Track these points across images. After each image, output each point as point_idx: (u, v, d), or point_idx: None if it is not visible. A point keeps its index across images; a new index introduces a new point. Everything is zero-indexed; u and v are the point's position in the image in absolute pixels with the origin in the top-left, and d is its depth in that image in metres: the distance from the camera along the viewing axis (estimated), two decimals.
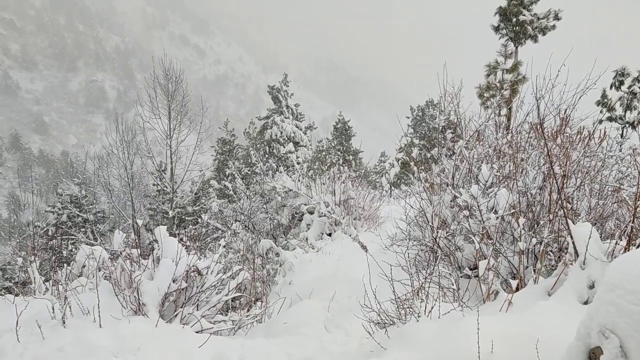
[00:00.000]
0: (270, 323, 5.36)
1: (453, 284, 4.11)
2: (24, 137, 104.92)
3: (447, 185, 6.13)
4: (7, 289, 11.88)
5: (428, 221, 6.05)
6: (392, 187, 22.01)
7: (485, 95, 14.74)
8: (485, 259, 4.21)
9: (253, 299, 6.58)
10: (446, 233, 5.67)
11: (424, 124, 28.56)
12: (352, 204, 10.59)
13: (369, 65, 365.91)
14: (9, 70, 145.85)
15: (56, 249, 14.38)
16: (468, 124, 7.02)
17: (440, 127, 7.22)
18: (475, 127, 6.71)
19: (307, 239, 9.72)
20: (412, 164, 6.48)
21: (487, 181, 5.35)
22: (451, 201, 5.89)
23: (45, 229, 17.02)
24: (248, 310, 5.97)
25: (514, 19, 15.00)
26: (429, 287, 3.81)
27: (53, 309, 3.63)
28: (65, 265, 5.25)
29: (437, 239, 5.67)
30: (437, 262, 4.68)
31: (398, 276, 4.70)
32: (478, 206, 4.86)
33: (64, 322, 3.50)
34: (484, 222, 4.81)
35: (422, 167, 7.18)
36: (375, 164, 35.27)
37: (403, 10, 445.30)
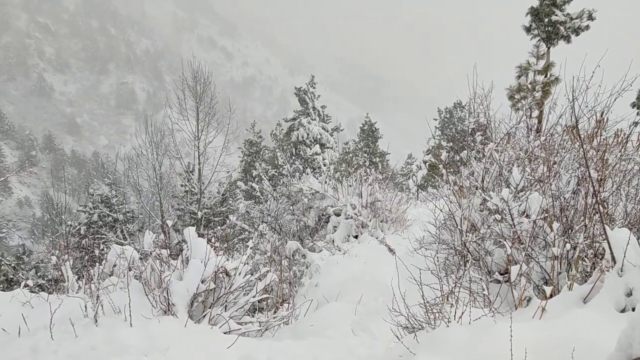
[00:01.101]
0: (297, 325, 5.35)
1: (483, 289, 4.03)
2: (57, 138, 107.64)
3: (477, 189, 6.03)
4: (40, 287, 12.17)
5: (457, 225, 5.96)
6: (419, 190, 21.80)
7: (516, 97, 14.47)
8: (516, 264, 4.12)
9: (280, 301, 6.58)
10: (475, 237, 5.58)
11: (451, 126, 28.24)
12: (379, 207, 10.52)
13: (396, 67, 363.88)
14: (44, 73, 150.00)
15: (88, 248, 14.67)
16: (498, 126, 6.89)
17: (470, 130, 7.12)
18: (505, 130, 6.59)
19: (333, 241, 9.70)
20: (440, 166, 6.39)
21: (518, 184, 5.25)
22: (480, 204, 5.79)
23: (77, 228, 17.39)
24: (275, 312, 5.98)
25: (546, 19, 14.68)
26: (458, 292, 3.74)
27: (85, 307, 3.69)
28: (97, 264, 5.34)
29: (466, 243, 5.58)
30: (469, 266, 4.59)
31: (426, 280, 4.64)
32: (509, 210, 4.76)
33: (96, 321, 3.56)
34: (515, 226, 4.71)
35: (451, 170, 7.08)
36: (402, 166, 35.06)
37: (430, 11, 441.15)
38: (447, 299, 3.86)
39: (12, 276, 13.49)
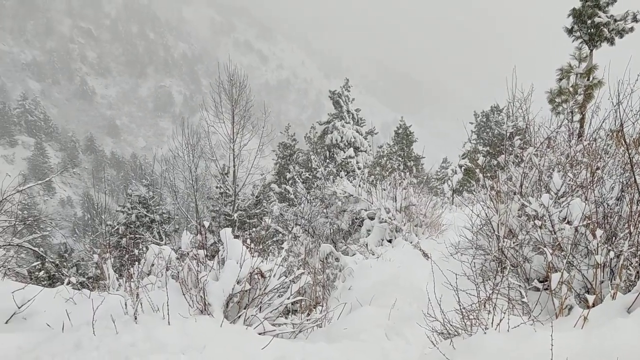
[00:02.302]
0: (330, 328, 5.35)
1: (522, 296, 3.95)
2: (98, 140, 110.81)
3: (515, 194, 5.91)
4: (81, 284, 12.50)
5: (494, 230, 5.86)
6: (454, 194, 21.51)
7: (556, 100, 14.12)
8: (557, 271, 4.02)
9: (313, 303, 6.60)
10: (513, 243, 5.46)
11: (488, 129, 27.78)
12: (414, 211, 10.43)
13: (431, 70, 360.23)
14: (86, 77, 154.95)
15: (125, 247, 15.03)
16: (538, 130, 6.74)
17: (508, 133, 6.98)
18: (545, 134, 6.44)
19: (367, 244, 9.66)
20: (477, 170, 6.30)
21: (559, 190, 5.12)
22: (519, 210, 5.68)
23: (116, 228, 17.82)
24: (308, 314, 5.99)
25: (589, 21, 14.29)
26: (496, 298, 3.67)
27: (126, 305, 3.79)
28: (136, 263, 5.48)
29: (504, 249, 5.47)
30: (507, 273, 4.50)
31: (462, 285, 4.57)
32: (549, 216, 4.65)
33: (135, 318, 3.64)
34: (555, 232, 4.60)
35: (488, 175, 6.96)
36: (436, 170, 34.67)
37: (467, 13, 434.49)
38: (484, 306, 3.79)
39: (54, 273, 13.91)
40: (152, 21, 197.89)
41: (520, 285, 4.15)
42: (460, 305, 3.80)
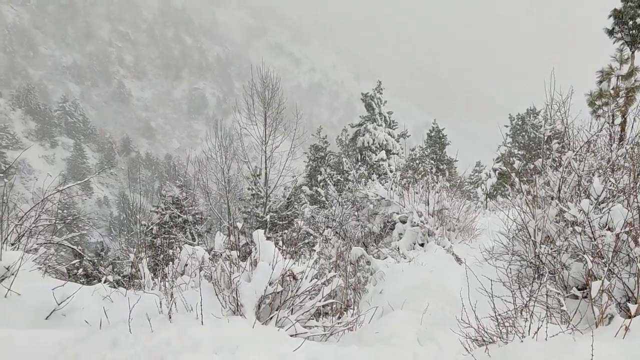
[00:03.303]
0: (361, 331, 5.32)
1: (560, 304, 3.84)
2: (134, 141, 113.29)
3: (552, 199, 5.77)
4: (117, 282, 12.78)
5: (530, 236, 5.72)
6: (488, 198, 21.13)
7: (596, 103, 13.70)
8: (597, 279, 3.90)
9: (344, 306, 6.58)
10: (550, 249, 5.33)
11: (523, 133, 27.22)
12: (446, 215, 10.29)
13: (463, 72, 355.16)
14: (123, 80, 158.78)
15: (159, 247, 15.29)
16: (577, 133, 6.57)
17: (546, 137, 6.82)
18: (585, 137, 6.26)
19: (398, 248, 9.58)
20: (513, 174, 6.16)
21: (599, 195, 4.97)
22: (556, 215, 5.53)
23: (150, 227, 18.13)
24: (339, 317, 5.97)
25: (631, 22, 13.82)
26: (533, 306, 3.58)
27: (160, 304, 3.85)
28: (171, 263, 5.57)
29: (540, 255, 5.34)
30: (545, 280, 4.39)
31: (496, 292, 4.48)
32: (589, 222, 4.52)
33: (170, 317, 3.69)
34: (595, 239, 4.46)
35: (524, 179, 6.81)
36: (470, 174, 34.14)
37: (500, 14, 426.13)
38: (521, 313, 3.71)
39: (91, 271, 14.24)
40: (186, 25, 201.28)
41: (558, 293, 4.04)
42: (495, 312, 3.73)
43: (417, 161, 29.84)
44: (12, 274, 3.93)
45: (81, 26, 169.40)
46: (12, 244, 4.76)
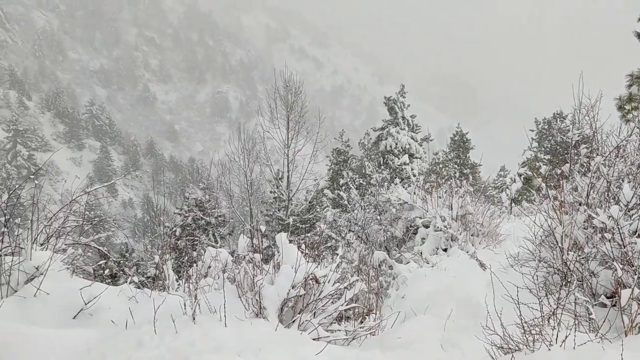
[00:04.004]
0: (383, 336, 5.29)
1: (589, 312, 3.76)
2: (158, 144, 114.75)
3: (580, 205, 5.66)
4: (141, 283, 12.92)
5: (557, 242, 5.62)
6: (513, 204, 20.83)
7: (626, 107, 13.37)
8: (626, 287, 3.81)
9: (366, 311, 6.55)
10: (578, 256, 5.23)
11: (550, 137, 26.80)
12: (470, 220, 10.17)
13: (487, 75, 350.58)
14: (148, 83, 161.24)
15: (183, 249, 15.45)
16: (606, 138, 6.43)
17: (574, 142, 6.70)
18: (615, 142, 6.13)
19: (421, 253, 9.50)
20: (539, 179, 6.07)
21: (629, 202, 4.86)
22: (585, 222, 5.43)
23: (173, 229, 18.33)
24: (361, 322, 5.94)
25: None
26: (561, 313, 3.51)
27: (184, 305, 3.89)
28: (195, 264, 5.63)
29: (568, 262, 5.24)
30: (574, 287, 4.31)
31: (521, 299, 4.40)
32: (619, 229, 4.42)
33: (193, 319, 3.73)
34: (625, 246, 4.36)
35: (551, 184, 6.70)
36: (494, 179, 33.73)
37: (525, 16, 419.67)
38: (548, 321, 3.64)
39: (116, 272, 14.45)
40: (211, 29, 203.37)
41: (586, 301, 3.96)
42: (521, 319, 3.66)
43: (440, 165, 29.62)
44: (42, 274, 4.01)
45: (108, 31, 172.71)
46: (41, 244, 4.85)
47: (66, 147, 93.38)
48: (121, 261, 15.11)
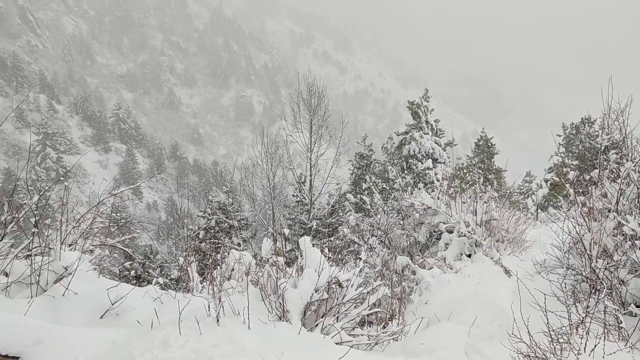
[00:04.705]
0: (406, 342, 5.25)
1: (618, 321, 3.67)
2: (182, 148, 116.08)
3: (610, 211, 5.54)
4: (166, 285, 13.08)
5: (585, 249, 5.51)
6: (539, 210, 20.47)
7: None
8: None
9: (389, 316, 6.51)
10: (607, 264, 5.11)
11: (577, 142, 26.28)
12: (495, 225, 10.04)
13: (512, 79, 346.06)
14: (174, 87, 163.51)
15: (206, 251, 15.58)
16: (637, 144, 6.28)
17: (603, 147, 6.56)
18: None
19: (445, 258, 9.41)
20: (567, 185, 5.95)
21: None
22: (614, 229, 5.31)
23: (197, 232, 18.51)
24: (384, 327, 5.91)
25: None
26: (590, 322, 3.44)
27: (209, 307, 3.92)
28: (219, 267, 5.68)
29: (596, 270, 5.13)
30: (603, 295, 4.21)
31: (548, 306, 4.32)
32: None
33: (218, 321, 3.76)
34: None
35: (579, 190, 6.57)
36: (519, 184, 33.21)
37: (551, 18, 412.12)
38: (576, 329, 3.56)
39: (140, 273, 14.66)
40: (236, 34, 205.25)
41: (616, 309, 3.86)
42: (549, 327, 3.60)
43: (465, 170, 29.29)
44: (70, 274, 4.09)
45: (136, 36, 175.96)
46: (70, 245, 4.95)
47: (93, 150, 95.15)
48: (146, 263, 15.32)
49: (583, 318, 3.52)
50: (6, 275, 4.04)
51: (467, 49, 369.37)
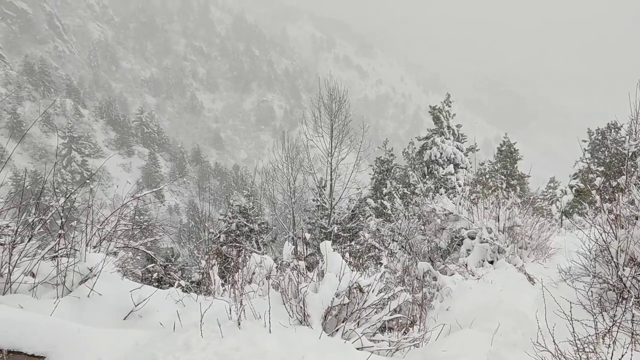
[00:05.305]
0: (427, 349, 5.20)
1: None
2: (204, 152, 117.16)
3: (637, 219, 5.42)
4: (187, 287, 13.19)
5: (612, 257, 5.39)
6: (563, 216, 20.11)
7: None
8: None
9: (409, 322, 6.45)
10: (635, 272, 5.00)
11: (603, 148, 25.79)
12: (518, 232, 9.89)
13: (535, 84, 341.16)
14: (196, 92, 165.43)
15: (227, 255, 15.66)
16: None
17: (630, 153, 6.42)
18: None
19: (466, 265, 9.30)
20: (593, 192, 5.84)
21: None
22: None
23: (217, 236, 18.63)
24: (404, 333, 5.86)
25: None
26: (617, 331, 3.36)
27: (230, 310, 3.93)
28: (240, 270, 5.70)
29: (624, 278, 5.02)
30: (631, 304, 4.12)
31: (574, 315, 4.24)
32: None
33: (239, 324, 3.77)
34: None
35: (605, 197, 6.44)
36: (543, 190, 32.70)
37: (579, 22, 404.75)
38: (603, 339, 3.49)
39: (161, 276, 14.80)
40: (257, 39, 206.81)
41: None
42: (574, 336, 3.52)
43: (487, 176, 28.96)
44: (95, 275, 4.15)
45: (159, 42, 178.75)
46: (94, 247, 5.02)
47: (117, 153, 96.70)
48: (167, 265, 15.47)
49: (610, 327, 3.44)
50: (33, 275, 4.11)
51: (491, 54, 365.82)
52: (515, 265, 8.75)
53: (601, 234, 5.68)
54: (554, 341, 3.61)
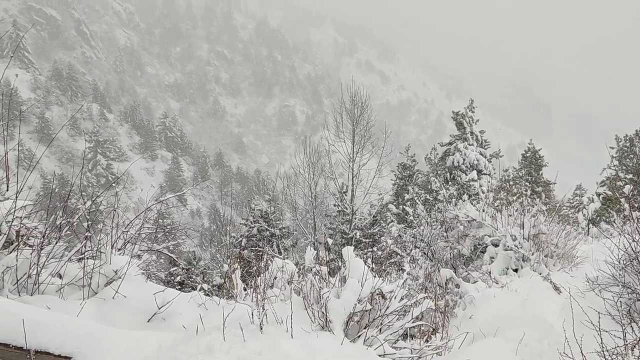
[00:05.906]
0: (450, 357, 5.14)
1: None
2: (226, 156, 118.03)
3: None
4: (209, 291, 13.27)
5: None
6: (590, 225, 19.68)
7: None
8: None
9: (431, 330, 6.38)
10: None
11: (632, 155, 25.22)
12: (543, 240, 9.72)
13: (561, 89, 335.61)
14: (219, 97, 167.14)
15: (249, 259, 15.73)
16: None
17: None
18: None
19: (490, 272, 9.17)
20: (622, 200, 5.71)
21: None
22: None
23: (239, 240, 18.73)
24: (427, 340, 5.80)
25: None
26: None
27: (252, 314, 3.94)
28: (262, 275, 5.72)
29: None
30: None
31: (602, 325, 4.14)
32: None
33: (261, 328, 3.77)
34: None
35: (635, 205, 6.29)
36: (569, 198, 32.08)
37: (599, 24, 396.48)
38: (632, 350, 3.40)
39: (183, 279, 14.93)
40: (280, 44, 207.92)
41: None
42: (602, 347, 3.44)
43: (511, 182, 28.55)
44: (120, 278, 4.20)
45: (183, 47, 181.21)
46: (119, 250, 5.09)
47: (141, 157, 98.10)
48: (190, 269, 15.61)
49: (639, 339, 3.35)
50: (60, 277, 4.19)
51: (516, 59, 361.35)
52: (540, 274, 8.60)
53: (630, 243, 5.55)
54: (581, 352, 3.53)
